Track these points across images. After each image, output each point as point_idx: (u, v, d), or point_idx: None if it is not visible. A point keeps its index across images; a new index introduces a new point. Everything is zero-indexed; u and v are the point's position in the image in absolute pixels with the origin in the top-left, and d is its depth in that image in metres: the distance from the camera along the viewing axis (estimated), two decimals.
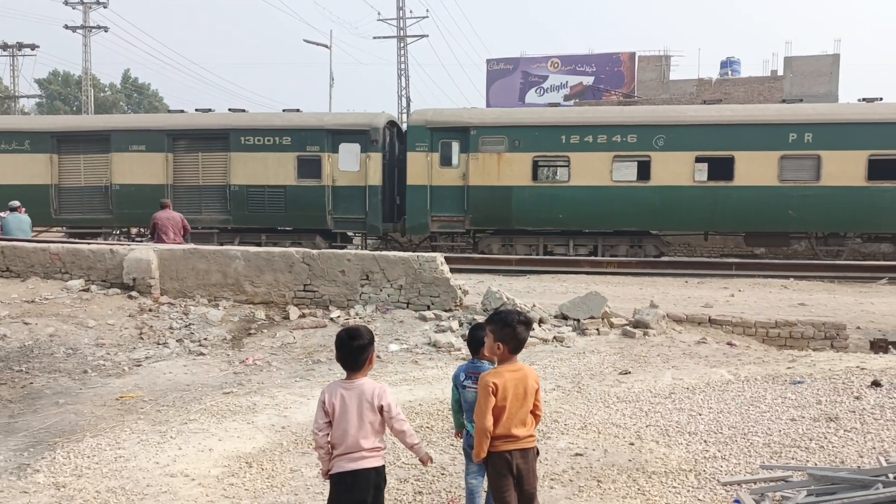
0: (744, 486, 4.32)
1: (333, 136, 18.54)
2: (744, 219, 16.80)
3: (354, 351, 3.38)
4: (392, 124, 19.53)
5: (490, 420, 3.33)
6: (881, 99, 17.61)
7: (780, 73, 35.37)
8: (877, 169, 16.16)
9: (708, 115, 17.48)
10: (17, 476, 4.70)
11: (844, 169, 16.18)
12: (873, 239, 17.72)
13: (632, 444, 5.13)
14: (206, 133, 19.14)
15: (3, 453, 5.11)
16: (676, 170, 16.84)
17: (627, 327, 8.83)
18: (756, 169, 16.52)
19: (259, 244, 18.05)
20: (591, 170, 17.11)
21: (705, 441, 5.12)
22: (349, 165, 18.50)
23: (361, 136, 18.41)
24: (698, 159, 16.95)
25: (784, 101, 19.70)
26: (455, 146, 17.90)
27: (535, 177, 17.68)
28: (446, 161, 17.94)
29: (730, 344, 8.42)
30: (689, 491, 4.33)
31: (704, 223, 17.31)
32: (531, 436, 3.46)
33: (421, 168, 17.91)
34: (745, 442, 5.07)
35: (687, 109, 19.54)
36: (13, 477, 4.69)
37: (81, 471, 4.77)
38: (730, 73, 39.00)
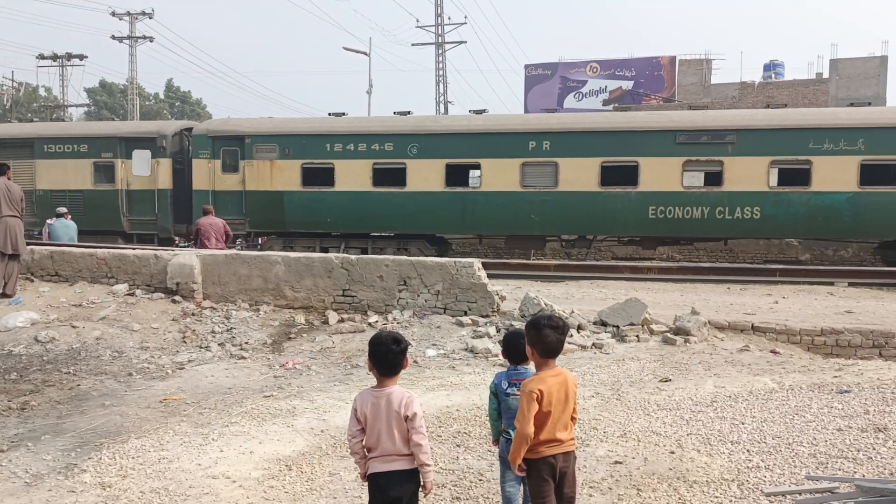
0: (788, 497, 4.23)
1: (127, 143, 19.70)
2: (493, 222, 17.75)
3: (399, 356, 3.40)
4: (190, 132, 20.44)
5: (531, 427, 3.34)
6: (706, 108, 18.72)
7: (826, 75, 34.67)
8: (608, 175, 17.18)
9: (458, 124, 18.84)
10: (65, 476, 4.82)
11: (580, 175, 17.16)
12: (621, 242, 18.87)
13: (672, 452, 5.06)
14: (13, 142, 20.32)
15: (52, 453, 5.25)
16: (429, 176, 17.90)
17: (668, 334, 8.72)
18: (500, 175, 17.57)
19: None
20: (353, 176, 18.23)
21: (748, 450, 5.03)
22: (141, 170, 19.64)
23: (151, 142, 19.59)
24: (448, 166, 17.90)
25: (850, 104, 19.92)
26: (235, 154, 19.03)
27: (304, 182, 18.59)
28: (227, 168, 19.01)
29: (774, 352, 8.26)
30: (731, 501, 4.26)
31: (457, 227, 18.47)
32: (572, 439, 3.48)
33: (204, 174, 19.01)
34: (790, 452, 4.97)
35: (441, 119, 22.19)
36: (61, 476, 4.81)
37: (126, 471, 4.87)
38: (773, 76, 38.36)
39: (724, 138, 16.72)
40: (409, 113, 19.54)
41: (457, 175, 18.42)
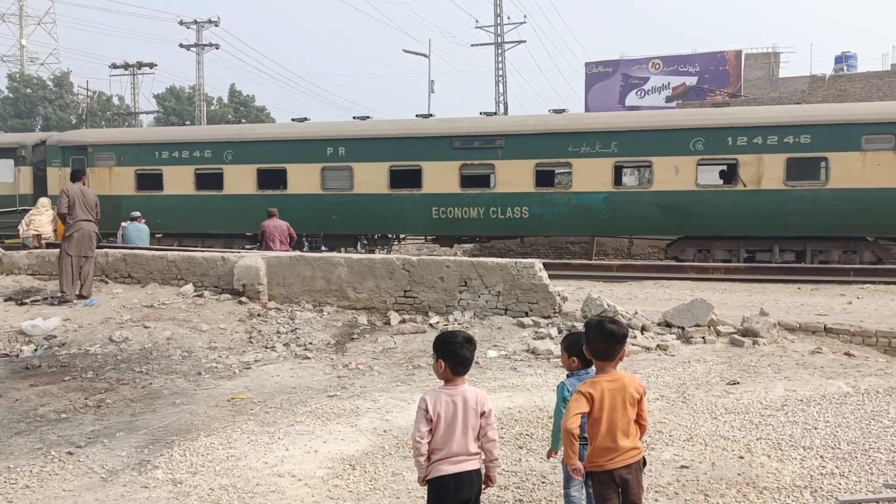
0: None
1: None
2: (300, 222, 17.86)
3: (470, 355, 3.41)
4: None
5: (574, 422, 3.27)
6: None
7: None
8: (396, 178, 18.37)
9: (268, 132, 20.80)
10: (139, 472, 4.99)
11: (372, 178, 18.38)
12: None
13: (741, 457, 4.94)
14: None
15: (126, 450, 5.43)
16: (244, 181, 19.26)
17: (735, 336, 8.50)
18: (304, 179, 18.96)
19: None
20: (179, 181, 19.76)
21: (822, 456, 4.87)
22: (5, 177, 21.64)
23: (13, 152, 21.50)
24: (259, 171, 19.27)
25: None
26: (81, 161, 20.17)
27: (138, 187, 20.10)
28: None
29: (848, 354, 7.97)
30: None
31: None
32: (636, 447, 3.37)
33: (56, 180, 20.32)
34: (867, 458, 4.78)
35: (256, 128, 24.52)
36: (135, 472, 4.98)
37: (196, 468, 5.01)
38: (845, 68, 36.96)
39: (494, 143, 17.88)
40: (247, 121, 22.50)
41: (269, 179, 19.47)
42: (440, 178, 18.09)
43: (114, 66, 52.12)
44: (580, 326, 8.72)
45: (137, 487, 4.72)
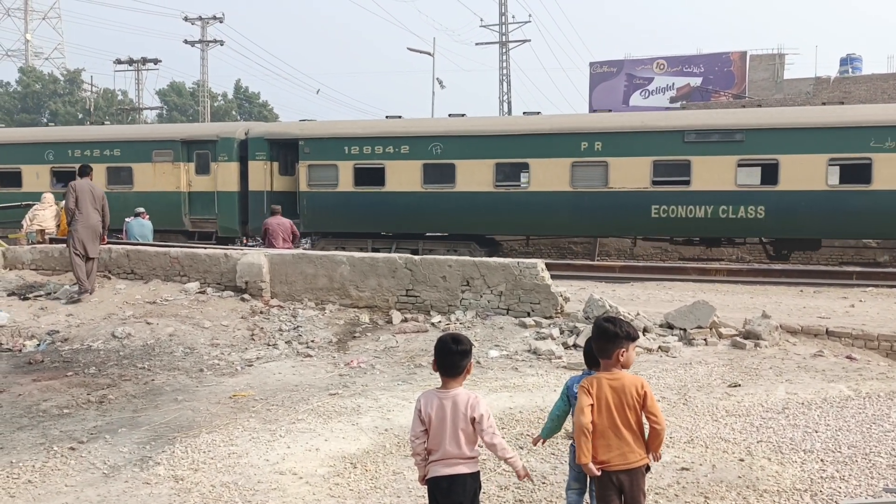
0: None
1: None
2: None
3: (457, 356, 3.39)
4: None
5: (587, 417, 3.31)
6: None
7: None
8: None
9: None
10: (141, 468, 5.00)
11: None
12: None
13: (742, 460, 4.94)
14: None
15: (128, 445, 5.45)
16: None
17: (737, 338, 8.50)
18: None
19: None
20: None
21: (822, 460, 4.87)
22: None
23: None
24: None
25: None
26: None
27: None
28: None
29: (849, 358, 7.96)
30: None
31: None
32: (637, 451, 3.36)
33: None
34: (867, 463, 4.79)
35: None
36: (136, 468, 5.00)
37: (198, 465, 5.03)
38: (850, 70, 36.90)
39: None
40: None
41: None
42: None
43: (118, 62, 52.17)
44: (581, 327, 8.73)
45: (139, 483, 4.74)
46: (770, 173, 16.96)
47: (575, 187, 17.68)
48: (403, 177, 18.69)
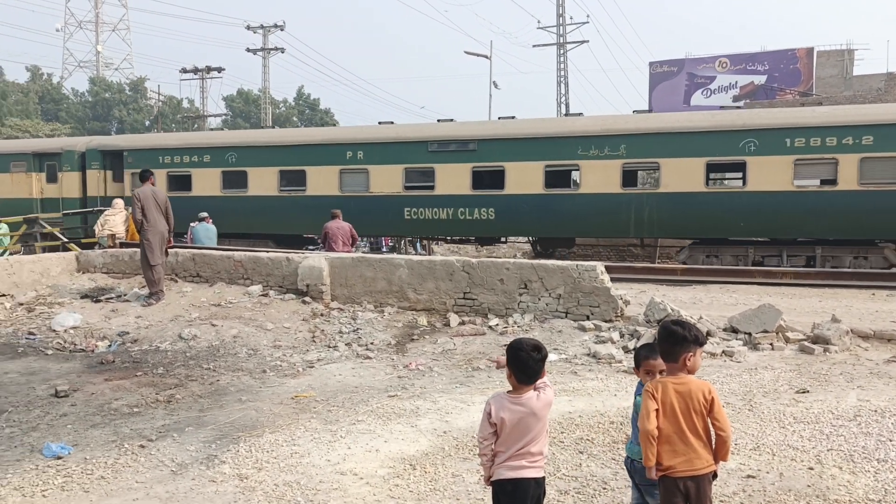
0: None
1: None
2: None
3: (538, 363, 3.38)
4: None
5: (653, 423, 3.25)
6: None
7: None
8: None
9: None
10: (207, 466, 5.14)
11: (207, 182, 20.69)
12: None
13: (811, 468, 4.79)
14: None
15: (195, 444, 5.60)
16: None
17: (805, 343, 8.25)
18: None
19: None
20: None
21: None
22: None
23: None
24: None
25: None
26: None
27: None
28: None
29: None
30: None
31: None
32: (704, 458, 3.29)
33: None
34: None
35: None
36: (203, 466, 5.13)
37: (262, 464, 5.13)
38: None
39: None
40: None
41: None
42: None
43: (184, 71, 53.78)
44: (642, 331, 8.60)
45: (205, 481, 4.87)
46: (498, 179, 18.45)
47: (343, 192, 19.58)
48: (206, 182, 20.94)
